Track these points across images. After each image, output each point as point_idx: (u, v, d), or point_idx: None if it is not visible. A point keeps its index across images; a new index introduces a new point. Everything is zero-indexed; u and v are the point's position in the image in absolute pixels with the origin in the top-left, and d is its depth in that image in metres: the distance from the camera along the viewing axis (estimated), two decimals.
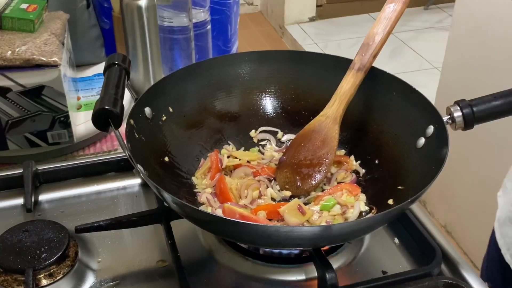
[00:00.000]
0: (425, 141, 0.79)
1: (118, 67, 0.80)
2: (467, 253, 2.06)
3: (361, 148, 0.89)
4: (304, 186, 0.84)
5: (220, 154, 0.89)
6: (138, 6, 1.06)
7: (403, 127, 0.84)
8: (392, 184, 0.81)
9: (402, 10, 0.85)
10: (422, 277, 0.73)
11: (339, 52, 3.20)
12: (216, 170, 0.85)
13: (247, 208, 0.80)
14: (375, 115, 0.89)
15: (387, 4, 0.85)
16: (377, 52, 0.85)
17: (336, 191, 0.83)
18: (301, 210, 0.77)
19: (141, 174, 0.73)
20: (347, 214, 0.79)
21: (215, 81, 0.93)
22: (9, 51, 0.92)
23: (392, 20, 0.85)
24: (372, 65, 0.86)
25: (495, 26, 1.72)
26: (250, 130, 0.94)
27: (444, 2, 3.92)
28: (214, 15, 1.29)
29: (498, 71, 1.72)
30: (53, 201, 0.90)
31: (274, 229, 0.68)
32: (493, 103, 0.77)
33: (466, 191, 2.01)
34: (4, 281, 0.72)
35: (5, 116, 0.95)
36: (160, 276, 0.76)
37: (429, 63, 3.32)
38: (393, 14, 0.85)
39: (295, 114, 0.94)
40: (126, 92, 0.82)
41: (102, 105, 0.72)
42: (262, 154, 0.92)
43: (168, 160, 0.84)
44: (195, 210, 0.69)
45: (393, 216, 0.73)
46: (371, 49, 0.85)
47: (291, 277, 0.77)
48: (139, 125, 0.80)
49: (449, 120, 0.78)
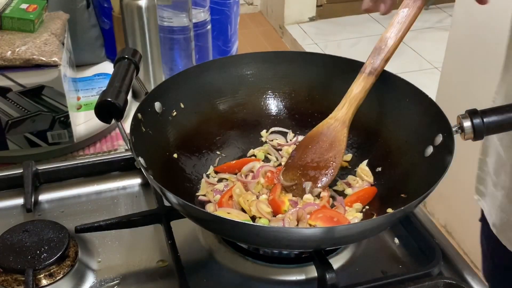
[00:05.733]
0: (433, 150, 0.79)
1: (127, 61, 0.80)
2: (467, 253, 2.06)
3: (369, 153, 0.89)
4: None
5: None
6: (138, 6, 1.06)
7: (413, 134, 0.83)
8: (395, 192, 0.80)
9: (416, 15, 0.84)
10: (422, 277, 0.73)
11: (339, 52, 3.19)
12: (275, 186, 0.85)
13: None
14: (386, 121, 0.88)
15: (401, 9, 0.85)
16: (389, 56, 0.85)
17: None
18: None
19: (141, 168, 0.73)
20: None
21: (229, 80, 0.93)
22: (9, 51, 0.92)
23: (406, 25, 0.84)
24: (384, 69, 0.85)
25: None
26: (261, 130, 0.95)
27: (444, 2, 3.92)
28: (214, 15, 1.29)
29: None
30: (53, 201, 0.90)
31: (276, 230, 0.68)
32: (506, 115, 0.75)
33: (466, 191, 2.00)
34: (4, 281, 0.72)
35: (5, 116, 0.95)
36: (160, 276, 0.76)
37: (429, 63, 3.32)
38: (406, 18, 0.84)
39: (307, 116, 0.94)
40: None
41: (104, 97, 0.72)
42: (275, 150, 0.92)
43: (173, 156, 0.85)
44: (197, 209, 0.70)
45: (396, 219, 0.73)
46: (383, 53, 0.84)
47: (291, 277, 0.77)
48: (147, 119, 0.81)
49: (459, 130, 0.77)
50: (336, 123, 0.86)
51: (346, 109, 0.86)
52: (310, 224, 0.77)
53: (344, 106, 0.86)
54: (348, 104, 0.86)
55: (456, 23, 1.93)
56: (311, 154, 0.87)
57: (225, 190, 0.84)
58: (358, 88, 0.85)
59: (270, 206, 0.80)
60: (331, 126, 0.87)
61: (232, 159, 0.91)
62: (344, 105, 0.86)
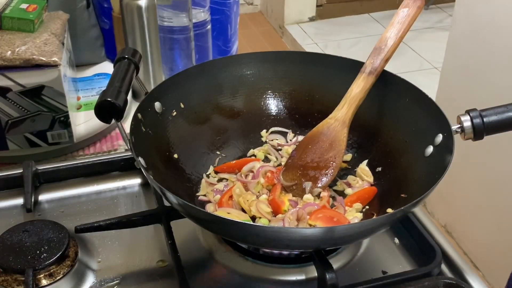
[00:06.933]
0: (433, 150, 0.79)
1: (127, 61, 0.80)
2: (467, 253, 2.06)
3: (369, 153, 0.89)
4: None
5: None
6: (138, 6, 1.06)
7: (414, 134, 0.83)
8: (395, 192, 0.80)
9: (416, 14, 0.84)
10: (422, 277, 0.73)
11: (339, 52, 3.20)
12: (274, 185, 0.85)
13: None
14: (386, 121, 0.88)
15: (401, 9, 0.85)
16: (389, 56, 0.85)
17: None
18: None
19: (141, 168, 0.73)
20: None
21: (229, 79, 0.93)
22: (9, 51, 0.92)
23: (406, 25, 0.84)
24: (384, 69, 0.85)
25: (495, 26, 1.72)
26: (261, 130, 0.94)
27: (444, 2, 3.92)
28: (214, 15, 1.29)
29: (498, 71, 1.72)
30: (53, 201, 0.90)
31: (276, 230, 0.68)
32: (506, 114, 0.75)
33: (466, 191, 2.01)
34: (4, 281, 0.72)
35: (5, 116, 0.95)
36: (160, 276, 0.76)
37: (429, 63, 3.32)
38: (406, 18, 0.84)
39: (307, 116, 0.94)
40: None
41: (104, 97, 0.72)
42: (275, 150, 0.92)
43: (173, 156, 0.85)
44: (197, 210, 0.70)
45: (396, 219, 0.73)
46: (383, 53, 0.85)
47: (291, 277, 0.77)
48: (147, 119, 0.81)
49: (459, 129, 0.77)
50: (336, 123, 0.86)
51: (346, 109, 0.86)
52: (310, 224, 0.77)
53: (344, 106, 0.86)
54: (348, 104, 0.86)
55: (456, 23, 1.93)
56: (311, 154, 0.87)
57: (225, 190, 0.84)
58: (358, 88, 0.85)
59: (270, 206, 0.80)
60: (331, 126, 0.87)
61: (232, 159, 0.91)
62: (344, 105, 0.86)
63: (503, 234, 1.84)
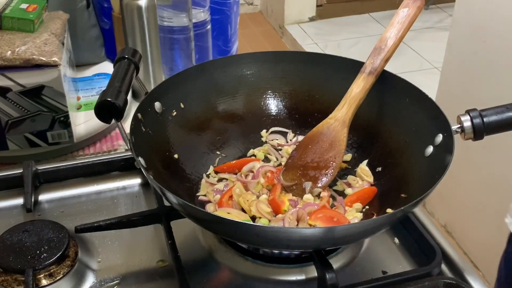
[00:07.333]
0: (433, 150, 0.79)
1: (127, 61, 0.80)
2: (467, 253, 2.06)
3: (369, 153, 0.89)
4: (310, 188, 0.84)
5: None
6: (138, 6, 1.06)
7: (414, 134, 0.83)
8: (395, 192, 0.80)
9: (416, 14, 0.84)
10: (422, 277, 0.73)
11: (339, 52, 3.20)
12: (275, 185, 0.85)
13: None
14: (386, 120, 0.88)
15: (401, 9, 0.85)
16: (389, 56, 0.85)
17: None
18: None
19: (141, 168, 0.73)
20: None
21: (229, 79, 0.93)
22: (9, 51, 0.92)
23: (406, 25, 0.85)
24: (384, 69, 0.85)
25: (495, 26, 1.72)
26: (261, 130, 0.94)
27: (444, 2, 3.92)
28: (214, 15, 1.29)
29: (498, 71, 1.72)
30: (53, 201, 0.90)
31: (276, 230, 0.68)
32: (506, 114, 0.75)
33: (466, 191, 2.01)
34: (4, 281, 0.72)
35: (5, 116, 0.95)
36: (160, 276, 0.76)
37: (429, 63, 3.32)
38: (406, 18, 0.85)
39: (307, 116, 0.94)
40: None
41: (104, 97, 0.72)
42: (275, 150, 0.92)
43: (173, 156, 0.85)
44: (197, 210, 0.70)
45: (396, 219, 0.73)
46: (383, 53, 0.85)
47: (291, 277, 0.77)
48: (147, 119, 0.81)
49: (459, 129, 0.77)
50: (336, 123, 0.86)
51: (346, 109, 0.86)
52: (310, 224, 0.77)
53: (344, 106, 0.86)
54: (348, 104, 0.86)
55: (456, 23, 1.93)
56: (311, 154, 0.87)
57: (225, 190, 0.84)
58: (358, 88, 0.85)
59: (270, 206, 0.80)
60: (331, 126, 0.87)
61: (232, 159, 0.91)
62: (344, 105, 0.86)
63: (503, 234, 1.84)
